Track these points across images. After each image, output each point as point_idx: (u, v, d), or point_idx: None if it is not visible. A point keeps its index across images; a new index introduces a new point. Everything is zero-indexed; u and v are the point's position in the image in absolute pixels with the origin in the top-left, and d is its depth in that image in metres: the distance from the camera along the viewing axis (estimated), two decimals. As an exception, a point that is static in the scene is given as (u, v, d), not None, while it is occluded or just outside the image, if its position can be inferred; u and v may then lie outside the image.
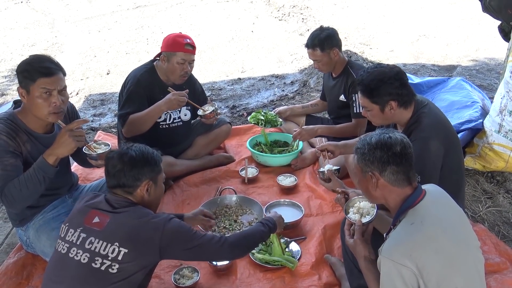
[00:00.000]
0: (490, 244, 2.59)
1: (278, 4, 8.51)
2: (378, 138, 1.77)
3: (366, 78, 2.32)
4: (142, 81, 3.10)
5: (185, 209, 3.00)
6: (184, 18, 8.25)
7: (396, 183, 1.74)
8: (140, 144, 2.05)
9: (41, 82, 2.18)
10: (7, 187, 2.17)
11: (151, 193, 1.99)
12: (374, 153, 1.75)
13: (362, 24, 7.31)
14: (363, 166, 1.79)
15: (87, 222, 1.88)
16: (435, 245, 1.61)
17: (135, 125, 3.05)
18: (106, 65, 6.25)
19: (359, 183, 1.89)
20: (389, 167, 1.73)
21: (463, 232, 1.75)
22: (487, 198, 3.09)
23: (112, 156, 1.98)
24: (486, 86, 4.84)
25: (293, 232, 2.73)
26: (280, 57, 6.22)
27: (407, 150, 1.76)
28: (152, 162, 1.99)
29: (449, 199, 1.84)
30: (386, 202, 1.80)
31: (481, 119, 3.40)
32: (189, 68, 3.09)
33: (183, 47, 3.02)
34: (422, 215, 1.68)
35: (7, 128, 2.22)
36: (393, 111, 2.30)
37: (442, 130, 2.32)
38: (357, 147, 1.83)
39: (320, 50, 3.22)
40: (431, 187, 1.85)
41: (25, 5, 9.60)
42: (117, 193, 1.96)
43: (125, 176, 1.93)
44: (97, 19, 8.44)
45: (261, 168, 3.43)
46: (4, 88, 5.61)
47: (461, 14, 7.58)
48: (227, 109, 4.77)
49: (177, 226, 1.92)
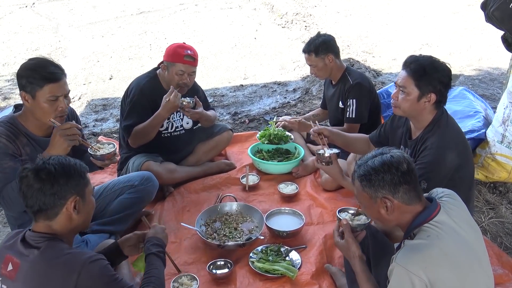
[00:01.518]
0: (493, 255, 2.56)
1: (281, 12, 8.53)
2: (382, 161, 1.71)
3: (422, 60, 2.26)
4: (145, 90, 3.09)
5: (185, 215, 2.99)
6: (188, 24, 8.28)
7: (409, 201, 1.70)
8: (58, 156, 1.77)
9: (48, 88, 2.19)
10: (5, 189, 2.18)
11: (80, 210, 1.73)
12: (383, 177, 1.68)
13: (365, 32, 7.32)
14: (372, 192, 1.72)
15: (3, 270, 1.65)
16: (451, 262, 1.60)
17: (139, 136, 3.05)
18: (109, 70, 6.26)
19: (367, 209, 1.83)
20: (401, 187, 1.68)
21: (478, 249, 1.72)
22: (489, 209, 3.07)
23: (25, 175, 1.67)
24: (489, 96, 4.83)
25: (294, 241, 2.71)
26: (283, 64, 6.22)
27: (412, 166, 1.72)
28: (76, 175, 1.72)
29: (466, 211, 1.81)
30: (399, 223, 1.76)
31: (484, 129, 3.38)
32: (188, 80, 3.07)
33: (182, 58, 3.01)
34: (438, 229, 1.65)
35: (7, 131, 2.23)
36: (427, 104, 2.25)
37: (460, 142, 2.29)
38: (361, 175, 1.74)
39: (315, 55, 3.27)
40: (451, 199, 1.81)
41: (29, 10, 9.65)
42: (39, 221, 1.69)
43: (45, 195, 1.64)
44: (101, 24, 8.48)
45: (262, 175, 3.41)
46: (7, 92, 5.63)
47: (464, 24, 7.59)
48: (229, 115, 4.77)
49: (99, 270, 1.63)
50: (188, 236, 2.79)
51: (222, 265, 2.51)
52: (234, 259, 2.56)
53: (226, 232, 2.76)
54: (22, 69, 2.23)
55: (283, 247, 2.60)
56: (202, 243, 2.72)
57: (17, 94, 5.47)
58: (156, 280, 1.84)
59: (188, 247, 2.72)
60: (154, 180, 2.88)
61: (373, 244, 2.05)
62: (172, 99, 2.89)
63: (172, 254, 2.60)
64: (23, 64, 2.27)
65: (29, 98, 2.21)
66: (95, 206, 1.91)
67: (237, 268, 2.51)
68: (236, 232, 2.77)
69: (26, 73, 2.20)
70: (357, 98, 3.22)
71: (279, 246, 2.60)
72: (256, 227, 2.81)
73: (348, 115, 3.24)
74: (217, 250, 2.63)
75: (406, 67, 2.29)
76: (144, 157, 3.09)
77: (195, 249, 2.70)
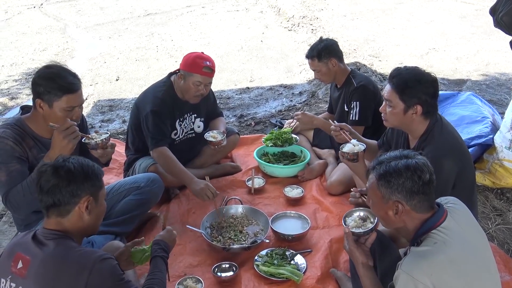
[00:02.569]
0: (500, 262, 2.54)
1: (288, 15, 8.53)
2: (406, 165, 1.68)
3: (404, 73, 2.27)
4: (165, 100, 3.06)
5: (191, 218, 2.99)
6: (194, 26, 8.29)
7: (421, 210, 1.69)
8: (78, 157, 1.84)
9: (66, 98, 2.21)
10: (11, 192, 2.19)
11: (91, 211, 1.76)
12: (403, 182, 1.66)
13: (371, 36, 7.30)
14: (387, 193, 1.70)
15: (13, 268, 1.68)
16: (457, 269, 1.59)
17: (163, 162, 3.00)
18: (115, 71, 6.28)
19: (374, 207, 1.82)
20: (418, 196, 1.67)
21: (485, 255, 1.72)
22: (496, 215, 3.05)
23: (44, 170, 1.72)
24: (496, 101, 4.81)
25: (299, 244, 2.71)
26: (289, 67, 6.22)
27: (433, 177, 1.70)
28: (93, 176, 1.77)
29: (472, 217, 1.81)
30: (404, 225, 1.74)
31: (491, 135, 3.37)
32: (204, 90, 3.06)
33: (201, 69, 2.97)
34: (445, 236, 1.64)
35: (14, 133, 2.24)
36: (414, 116, 2.26)
37: (457, 148, 2.28)
38: (380, 173, 1.72)
39: (318, 60, 3.27)
40: (456, 206, 1.80)
41: (37, 10, 9.71)
42: (51, 217, 1.73)
43: (61, 192, 1.69)
44: (108, 25, 8.51)
45: (268, 178, 3.41)
46: (15, 92, 5.65)
47: (472, 28, 7.55)
48: (235, 118, 4.77)
49: (110, 269, 1.66)
50: (193, 239, 2.80)
51: (227, 268, 2.51)
52: (239, 262, 2.56)
53: (231, 235, 2.76)
54: (40, 78, 2.22)
55: (288, 251, 2.60)
56: (207, 245, 2.72)
57: (25, 94, 5.51)
58: (160, 283, 1.86)
59: (193, 249, 2.72)
60: (160, 182, 2.88)
61: (379, 249, 2.04)
62: (205, 193, 2.83)
63: (177, 256, 2.62)
64: (40, 71, 2.26)
65: (44, 106, 2.22)
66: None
67: (242, 271, 2.51)
68: (241, 235, 2.77)
69: (44, 82, 2.20)
70: (360, 101, 3.21)
71: (284, 250, 2.60)
72: (261, 230, 2.81)
73: (351, 117, 3.23)
74: (222, 253, 2.63)
75: (390, 81, 2.31)
76: (151, 159, 3.09)
77: (200, 252, 2.70)
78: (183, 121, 3.23)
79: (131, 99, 5.28)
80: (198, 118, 3.32)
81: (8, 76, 6.17)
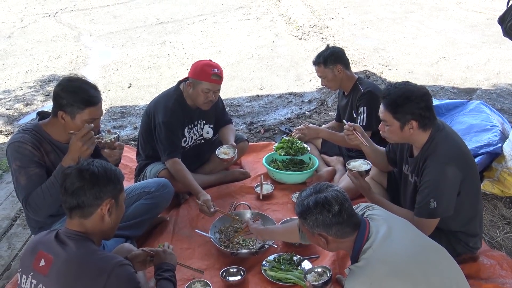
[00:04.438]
0: (508, 269, 2.54)
1: (298, 24, 8.59)
2: (315, 201, 1.83)
3: (393, 92, 2.32)
4: (176, 110, 3.13)
5: (200, 223, 3.03)
6: (206, 35, 8.39)
7: (343, 236, 1.84)
8: (101, 160, 1.90)
9: (88, 111, 2.29)
10: (31, 196, 2.26)
11: (112, 213, 1.83)
12: (316, 218, 1.82)
13: (381, 45, 7.33)
14: (309, 228, 1.87)
15: (35, 265, 1.74)
16: (393, 269, 1.71)
17: (177, 175, 3.05)
18: (128, 79, 6.38)
19: (309, 239, 2.00)
20: (334, 226, 1.82)
21: (418, 243, 1.86)
22: (505, 224, 3.04)
23: (69, 172, 1.78)
24: (507, 110, 4.79)
25: (306, 250, 2.73)
26: (299, 76, 6.27)
27: (345, 205, 1.83)
28: (115, 180, 1.83)
29: (389, 214, 1.98)
30: (340, 249, 1.98)
31: (500, 143, 3.36)
32: (213, 97, 3.11)
33: (209, 77, 3.02)
34: (372, 243, 1.78)
35: (32, 138, 2.31)
36: (412, 131, 2.30)
37: (460, 156, 2.31)
38: (298, 212, 1.91)
39: (324, 66, 3.33)
40: (370, 210, 1.98)
41: (52, 19, 9.90)
42: (73, 218, 1.78)
43: (85, 194, 1.74)
44: (121, 34, 8.65)
45: (277, 185, 3.44)
46: (30, 98, 5.77)
47: (483, 37, 7.54)
48: (245, 125, 4.82)
49: (127, 276, 1.72)
50: (202, 243, 2.83)
51: (235, 272, 2.55)
52: (247, 267, 2.59)
53: (240, 240, 2.79)
54: (63, 91, 2.29)
55: (295, 256, 2.62)
56: (215, 250, 2.75)
57: (39, 101, 5.63)
58: None
59: (201, 253, 2.76)
60: (170, 187, 2.93)
61: None
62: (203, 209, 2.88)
63: (186, 260, 2.66)
64: (63, 84, 2.33)
65: (67, 117, 2.30)
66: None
67: (250, 275, 2.54)
68: (249, 240, 2.80)
69: (67, 95, 2.27)
70: (368, 106, 3.24)
71: (291, 255, 2.62)
72: (269, 236, 2.83)
73: (359, 122, 3.26)
74: (230, 258, 2.67)
75: (382, 101, 2.38)
76: (162, 165, 3.15)
77: (209, 256, 2.74)
78: (193, 128, 3.29)
79: (143, 106, 5.36)
80: (207, 124, 3.38)
81: (23, 83, 6.31)
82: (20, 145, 2.28)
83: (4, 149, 4.23)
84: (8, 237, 3.06)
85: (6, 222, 3.21)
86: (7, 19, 10.04)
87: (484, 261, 2.58)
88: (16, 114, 5.32)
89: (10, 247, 2.96)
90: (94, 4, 11.22)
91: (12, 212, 3.33)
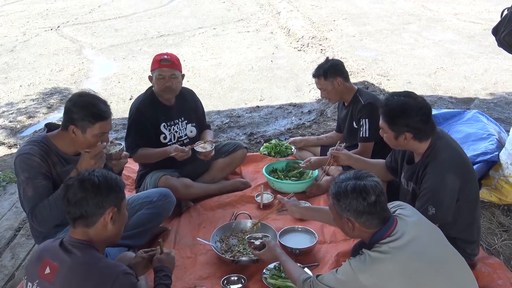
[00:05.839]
0: (505, 278, 2.56)
1: (297, 35, 8.69)
2: (353, 187, 1.84)
3: (390, 103, 2.38)
4: (141, 109, 3.28)
5: (201, 232, 3.07)
6: (206, 47, 8.49)
7: (370, 227, 1.86)
8: (102, 170, 1.94)
9: (99, 125, 2.37)
10: (37, 208, 2.31)
11: (115, 221, 1.86)
12: (350, 202, 1.84)
13: (380, 56, 7.41)
14: (339, 211, 1.89)
15: (41, 273, 1.77)
16: (403, 274, 1.73)
17: (144, 159, 3.30)
18: (129, 91, 6.45)
19: (335, 219, 2.00)
20: (365, 215, 1.84)
21: (438, 251, 1.86)
22: (502, 231, 3.07)
23: (71, 184, 1.82)
24: (504, 119, 4.85)
25: (306, 258, 2.76)
26: (298, 87, 6.34)
27: (381, 198, 1.84)
28: (117, 188, 1.87)
29: (420, 216, 1.98)
30: (360, 238, 1.98)
31: (497, 152, 3.41)
32: (170, 83, 3.23)
33: (158, 63, 3.20)
34: (393, 241, 1.80)
35: (41, 150, 2.37)
36: (406, 141, 2.36)
37: (459, 163, 2.35)
38: (332, 193, 1.92)
39: (324, 78, 3.38)
40: (401, 209, 1.97)
41: (54, 33, 10.02)
42: (77, 227, 1.82)
43: (88, 204, 1.78)
44: (122, 46, 8.75)
45: (277, 194, 3.47)
46: (32, 111, 5.84)
47: (480, 48, 7.63)
48: (245, 136, 4.87)
49: (130, 285, 1.76)
50: (203, 252, 2.87)
51: (236, 280, 2.57)
52: (248, 275, 2.61)
53: (240, 249, 2.82)
54: (75, 106, 2.36)
55: (296, 264, 2.65)
56: (216, 258, 2.78)
57: (42, 113, 5.69)
58: None
59: (203, 262, 2.79)
60: (172, 197, 2.98)
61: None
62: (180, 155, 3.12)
63: (187, 268, 2.69)
64: (74, 99, 2.40)
65: (77, 131, 2.36)
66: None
67: (250, 283, 2.57)
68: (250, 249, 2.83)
69: (78, 110, 2.34)
70: (369, 118, 3.29)
71: (292, 263, 2.65)
72: (270, 244, 2.86)
73: (361, 134, 3.31)
74: (231, 266, 2.69)
75: (381, 109, 2.44)
76: (161, 172, 3.21)
77: (210, 264, 2.76)
78: (173, 126, 3.38)
79: (144, 117, 5.41)
80: (190, 123, 3.47)
81: (26, 96, 6.38)
82: (29, 157, 2.34)
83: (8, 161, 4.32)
84: (12, 247, 3.10)
85: (10, 233, 3.25)
86: (10, 33, 10.17)
87: (482, 269, 2.61)
88: (19, 126, 5.38)
89: (14, 257, 2.99)
90: (95, 18, 11.38)
91: (16, 222, 3.37)
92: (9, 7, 13.65)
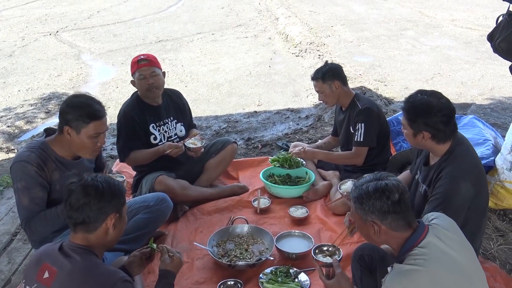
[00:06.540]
0: (501, 282, 2.58)
1: (295, 41, 8.74)
2: (375, 187, 1.78)
3: (413, 100, 2.34)
4: (128, 113, 3.31)
5: (198, 236, 3.07)
6: (204, 52, 8.52)
7: (397, 229, 1.77)
8: (104, 175, 1.92)
9: (93, 125, 2.36)
10: (33, 220, 2.32)
11: (116, 226, 1.86)
12: (373, 203, 1.76)
13: (377, 62, 7.45)
14: (363, 214, 1.81)
15: (39, 277, 1.76)
16: (437, 285, 1.64)
17: (137, 161, 3.31)
18: (127, 96, 6.32)
19: (359, 228, 1.91)
20: (390, 215, 1.76)
21: (470, 269, 1.76)
22: (499, 236, 3.08)
23: (74, 189, 1.80)
24: (501, 124, 4.87)
25: (303, 263, 2.76)
26: (296, 92, 6.36)
27: (405, 196, 1.78)
28: (119, 194, 1.86)
29: (457, 230, 1.86)
30: (388, 244, 1.85)
31: (493, 157, 3.42)
32: (152, 80, 3.24)
33: (137, 64, 3.24)
34: (425, 253, 1.70)
35: (38, 158, 2.37)
36: (424, 141, 2.33)
37: (476, 172, 2.31)
38: (354, 196, 1.84)
39: (322, 81, 3.40)
40: (439, 220, 1.87)
41: (53, 38, 10.05)
42: (78, 233, 1.81)
43: (91, 210, 1.77)
44: (121, 52, 8.78)
45: (274, 199, 3.49)
46: (31, 115, 5.84)
47: (477, 54, 7.68)
48: (242, 141, 4.88)
49: None
50: (200, 256, 2.87)
51: (232, 285, 2.58)
52: (244, 280, 2.62)
53: (237, 253, 2.83)
54: (68, 106, 2.37)
55: (292, 269, 2.65)
56: (213, 263, 2.79)
57: (40, 118, 5.70)
58: None
59: (200, 266, 2.79)
60: (169, 201, 2.98)
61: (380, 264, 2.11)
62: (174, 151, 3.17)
63: (184, 273, 2.69)
64: (68, 101, 2.41)
65: (72, 132, 2.36)
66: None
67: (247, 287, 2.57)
68: (246, 254, 2.83)
69: (72, 110, 2.35)
70: (365, 122, 3.31)
71: (288, 268, 2.66)
72: (267, 249, 2.87)
73: (356, 138, 3.33)
74: (228, 270, 2.70)
75: (404, 105, 2.40)
76: (155, 174, 3.23)
77: (207, 269, 2.77)
78: (162, 126, 3.40)
79: (142, 122, 5.42)
80: (179, 123, 3.50)
81: (24, 101, 6.39)
82: (25, 165, 2.34)
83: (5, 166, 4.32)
84: (9, 252, 3.09)
85: (7, 237, 3.25)
86: (8, 37, 10.20)
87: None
88: (16, 131, 5.39)
89: (10, 262, 2.99)
90: (94, 23, 11.42)
91: (13, 227, 3.36)
92: (8, 12, 13.70)
